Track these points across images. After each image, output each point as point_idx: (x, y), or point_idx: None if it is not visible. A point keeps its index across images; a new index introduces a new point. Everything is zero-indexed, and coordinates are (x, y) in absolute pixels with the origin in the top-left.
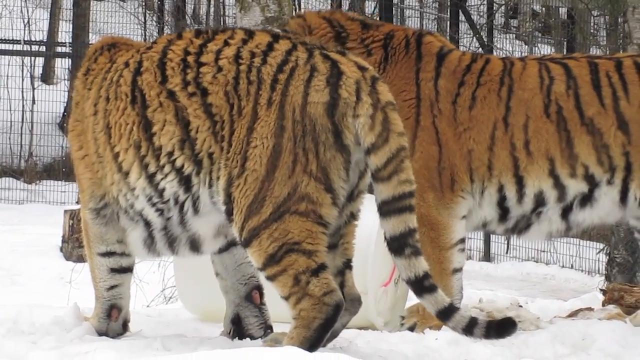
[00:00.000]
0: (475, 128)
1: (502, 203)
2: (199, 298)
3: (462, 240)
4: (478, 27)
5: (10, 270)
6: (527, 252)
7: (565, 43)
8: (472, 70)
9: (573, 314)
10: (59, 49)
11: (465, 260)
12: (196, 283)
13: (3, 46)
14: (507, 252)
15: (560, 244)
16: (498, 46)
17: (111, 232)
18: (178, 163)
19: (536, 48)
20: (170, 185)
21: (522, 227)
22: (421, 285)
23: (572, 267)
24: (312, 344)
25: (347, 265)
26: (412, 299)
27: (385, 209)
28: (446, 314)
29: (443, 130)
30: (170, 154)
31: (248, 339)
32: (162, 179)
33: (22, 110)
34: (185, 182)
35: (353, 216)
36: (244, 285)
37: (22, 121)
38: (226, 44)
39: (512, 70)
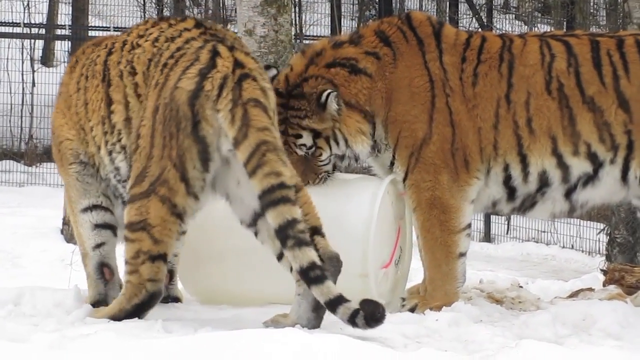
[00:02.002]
0: (480, 105)
1: (507, 182)
2: (199, 281)
3: (470, 225)
4: (477, 7)
5: (11, 253)
6: (528, 232)
7: (565, 23)
8: (472, 46)
9: (574, 295)
10: (58, 32)
11: (469, 244)
12: (197, 266)
13: (3, 29)
14: (507, 233)
15: (560, 224)
16: (497, 26)
17: (95, 184)
18: (123, 142)
19: (536, 28)
20: (123, 164)
21: (527, 205)
22: (307, 275)
23: (572, 247)
24: (126, 316)
25: (315, 232)
26: (413, 280)
27: (262, 204)
28: (333, 304)
29: (456, 110)
30: (120, 132)
31: None
32: (116, 157)
33: (22, 93)
34: (126, 160)
35: (296, 189)
36: None
37: (22, 104)
38: (160, 29)
39: (512, 46)
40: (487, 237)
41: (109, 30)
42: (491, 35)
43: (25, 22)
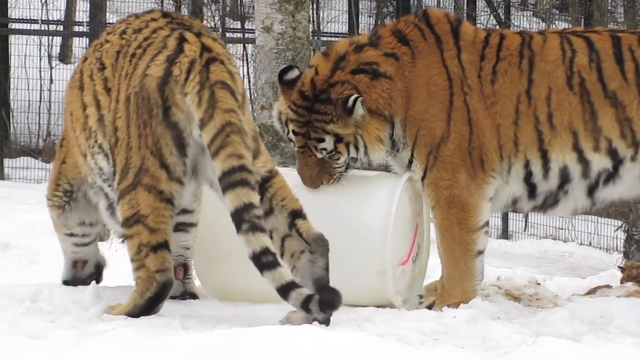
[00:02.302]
0: (500, 102)
1: (528, 179)
2: (217, 279)
3: (487, 223)
4: (495, 4)
5: (29, 250)
6: (545, 229)
7: (582, 20)
8: (490, 44)
9: (591, 292)
10: (76, 29)
11: (487, 242)
12: (215, 264)
13: (21, 26)
14: (525, 230)
15: (578, 221)
16: (515, 23)
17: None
18: (99, 140)
19: (553, 25)
20: (104, 162)
21: (549, 203)
22: (259, 261)
23: (590, 244)
24: (141, 312)
25: (296, 216)
26: (430, 277)
27: (222, 186)
28: (285, 290)
29: (474, 107)
30: (96, 132)
31: None
32: (97, 157)
33: (40, 90)
34: (107, 158)
35: (270, 175)
36: (173, 261)
37: (40, 100)
38: (128, 22)
39: (532, 42)
40: (505, 234)
41: None
42: (510, 32)
43: (43, 19)
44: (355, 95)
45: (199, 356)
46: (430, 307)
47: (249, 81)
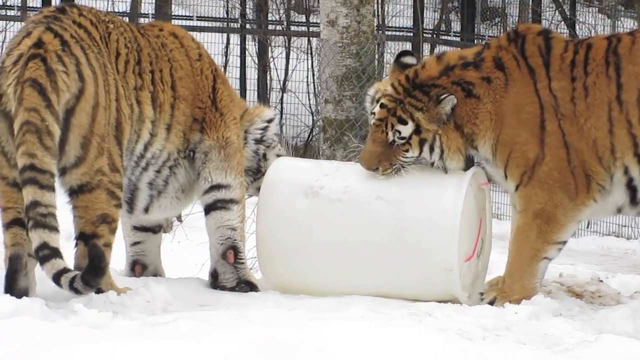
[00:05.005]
0: (594, 115)
1: (630, 184)
2: (280, 275)
3: (565, 242)
4: (560, 0)
5: None
6: (608, 226)
7: None
8: (577, 62)
9: None
10: (142, 20)
11: (557, 255)
12: (279, 259)
13: None
14: (587, 227)
15: None
16: (580, 19)
17: None
18: None
19: (619, 22)
20: None
21: None
22: (37, 255)
23: None
24: None
25: (79, 237)
26: (492, 273)
27: (20, 182)
28: (57, 276)
29: (568, 131)
30: None
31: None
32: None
33: None
34: None
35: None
36: (221, 245)
37: None
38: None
39: (619, 46)
40: None
41: (192, 20)
42: (597, 39)
43: (109, 10)
44: (449, 94)
45: (255, 348)
46: (491, 303)
47: (313, 75)
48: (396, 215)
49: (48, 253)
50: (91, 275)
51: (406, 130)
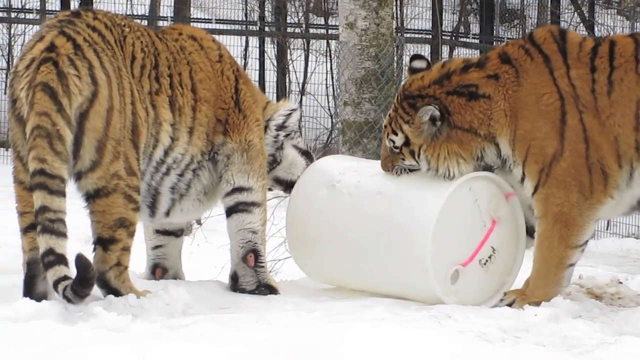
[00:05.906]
0: (619, 113)
1: None
2: (311, 263)
3: (587, 242)
4: (579, 2)
5: None
6: (628, 228)
7: None
8: (600, 54)
9: None
10: (161, 24)
11: (581, 257)
12: (316, 249)
13: None
14: (607, 229)
15: None
16: (599, 21)
17: None
18: None
19: (638, 23)
20: None
21: None
22: (43, 261)
23: None
24: None
25: (97, 242)
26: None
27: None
28: (57, 283)
29: (590, 125)
30: None
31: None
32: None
33: None
34: None
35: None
36: (242, 248)
37: None
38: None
39: None
40: None
41: (211, 23)
42: (620, 37)
43: (128, 14)
44: (428, 107)
45: (274, 351)
46: (510, 305)
47: (332, 77)
48: (388, 212)
49: (53, 259)
50: (79, 285)
51: (398, 141)
